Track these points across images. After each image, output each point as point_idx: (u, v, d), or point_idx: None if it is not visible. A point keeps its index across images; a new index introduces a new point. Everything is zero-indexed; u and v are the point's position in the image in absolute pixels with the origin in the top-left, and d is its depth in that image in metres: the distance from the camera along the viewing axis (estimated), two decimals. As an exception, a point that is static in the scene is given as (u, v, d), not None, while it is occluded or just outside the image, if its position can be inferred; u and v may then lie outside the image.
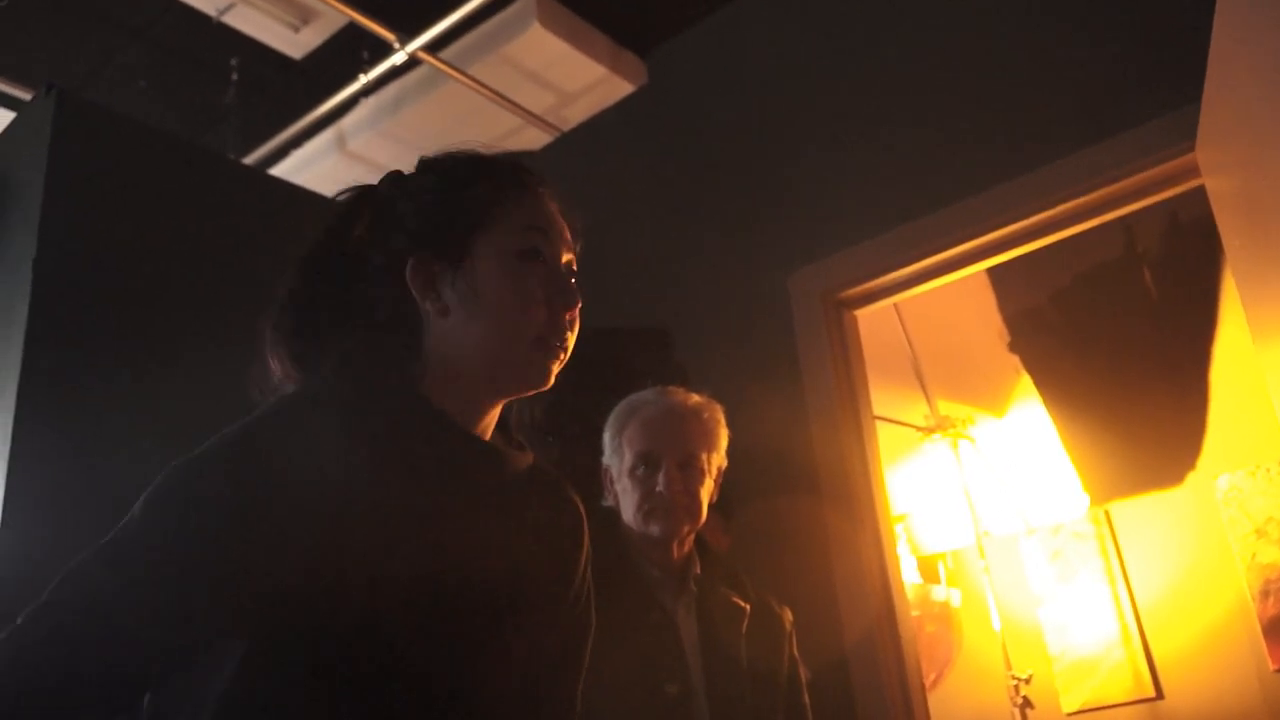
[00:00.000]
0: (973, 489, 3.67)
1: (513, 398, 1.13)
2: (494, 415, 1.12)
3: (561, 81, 4.29)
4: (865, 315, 2.92)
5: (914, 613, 3.03)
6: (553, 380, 1.10)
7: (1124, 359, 3.54)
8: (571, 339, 1.10)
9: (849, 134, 2.90)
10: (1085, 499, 3.59)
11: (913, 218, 2.70)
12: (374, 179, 1.22)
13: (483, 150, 1.19)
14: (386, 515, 0.98)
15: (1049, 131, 2.53)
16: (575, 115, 4.16)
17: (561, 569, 1.17)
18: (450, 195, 1.12)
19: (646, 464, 1.85)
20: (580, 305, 1.11)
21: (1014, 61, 2.65)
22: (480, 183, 1.13)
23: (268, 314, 1.11)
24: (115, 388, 1.86)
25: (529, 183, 1.16)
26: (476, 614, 1.04)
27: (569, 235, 1.18)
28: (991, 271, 3.36)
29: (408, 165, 1.29)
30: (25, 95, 4.02)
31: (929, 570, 3.76)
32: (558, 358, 1.09)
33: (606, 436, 1.94)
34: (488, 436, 1.11)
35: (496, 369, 1.07)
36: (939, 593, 3.67)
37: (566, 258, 1.15)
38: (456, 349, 1.07)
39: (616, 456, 1.91)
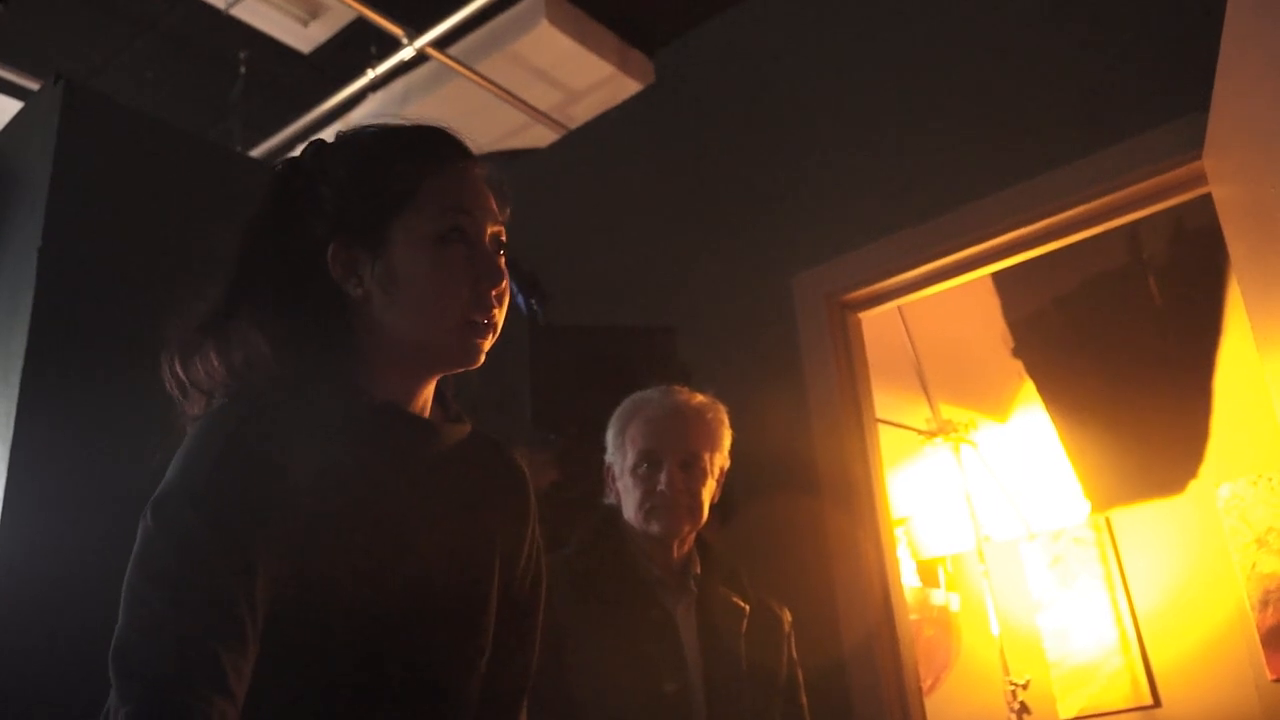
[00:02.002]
0: (974, 493, 3.67)
1: (446, 374, 1.13)
2: (430, 391, 1.12)
3: (569, 79, 4.29)
4: (869, 318, 2.92)
5: (913, 616, 3.03)
6: (484, 357, 1.10)
7: (1127, 365, 3.53)
8: (500, 315, 1.10)
9: (856, 136, 2.90)
10: (1086, 505, 3.59)
11: (918, 221, 2.70)
12: None
13: (401, 122, 1.16)
14: (355, 506, 1.00)
15: (1055, 137, 2.53)
16: (582, 113, 4.16)
17: (515, 532, 1.19)
18: (365, 176, 1.10)
19: (649, 463, 1.86)
20: (507, 280, 1.10)
21: (1021, 66, 2.65)
22: (396, 161, 1.10)
23: (194, 309, 1.10)
24: (120, 378, 1.86)
25: (448, 156, 1.12)
26: (446, 584, 1.07)
27: (495, 205, 1.14)
28: (996, 276, 3.35)
29: None
30: (34, 85, 4.03)
31: (929, 574, 3.76)
32: (487, 336, 1.08)
33: (610, 434, 1.94)
34: (426, 413, 1.13)
35: (425, 352, 1.08)
36: (938, 597, 3.67)
37: (493, 230, 1.12)
38: (384, 334, 1.07)
39: (619, 454, 1.91)
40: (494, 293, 1.08)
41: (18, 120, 3.20)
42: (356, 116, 4.73)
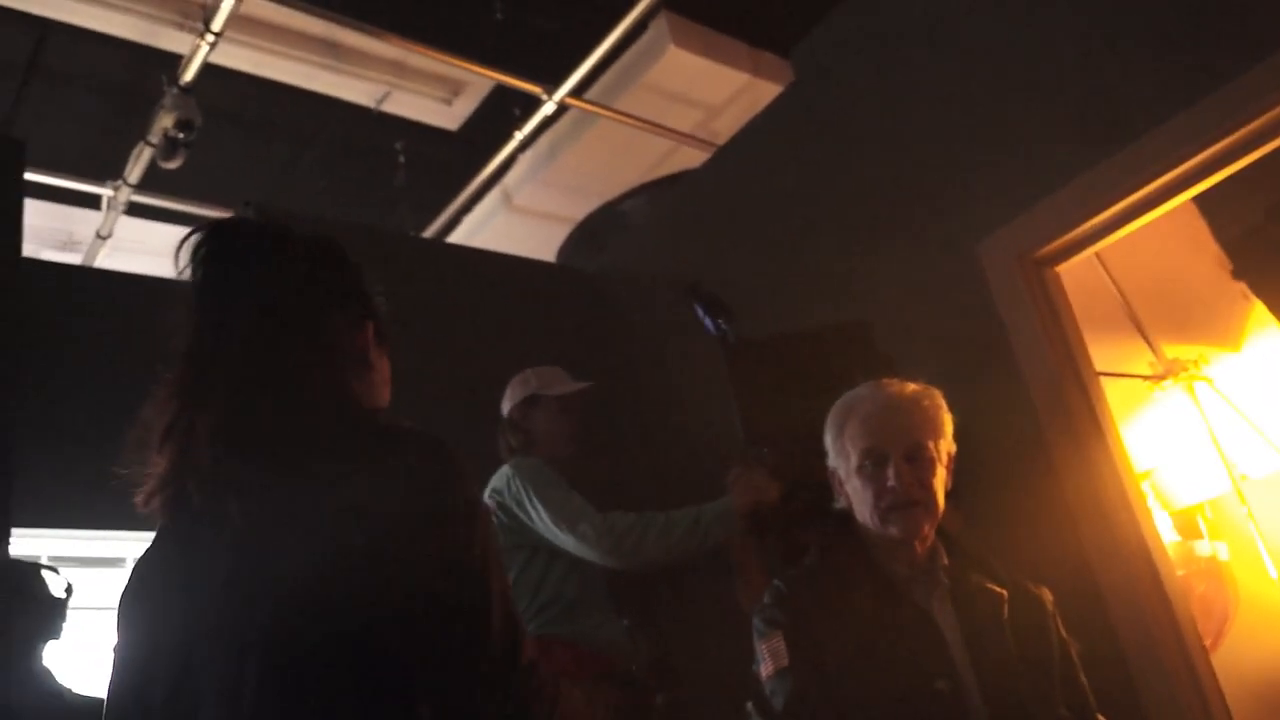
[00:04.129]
0: (1219, 432, 3.41)
1: None
2: None
3: (706, 96, 4.30)
4: (1066, 270, 2.77)
5: (1179, 572, 2.82)
6: None
7: (1369, 263, 3.21)
8: None
9: (1016, 84, 2.76)
10: (1350, 421, 3.27)
11: (1101, 159, 2.54)
12: (542, 227, 1.32)
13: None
14: None
15: (1241, 35, 2.33)
16: (726, 127, 4.16)
17: None
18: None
19: (873, 460, 1.81)
20: None
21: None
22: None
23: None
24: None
25: None
26: None
27: None
28: (1198, 199, 3.11)
29: (571, 209, 1.35)
30: (227, 215, 4.36)
31: (1187, 525, 3.51)
32: None
33: (828, 438, 1.90)
34: None
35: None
36: (1203, 547, 3.42)
37: None
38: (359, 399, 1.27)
39: (841, 457, 1.87)
40: None
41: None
42: (511, 179, 4.90)
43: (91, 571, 2.98)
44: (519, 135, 4.48)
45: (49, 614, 2.33)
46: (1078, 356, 2.64)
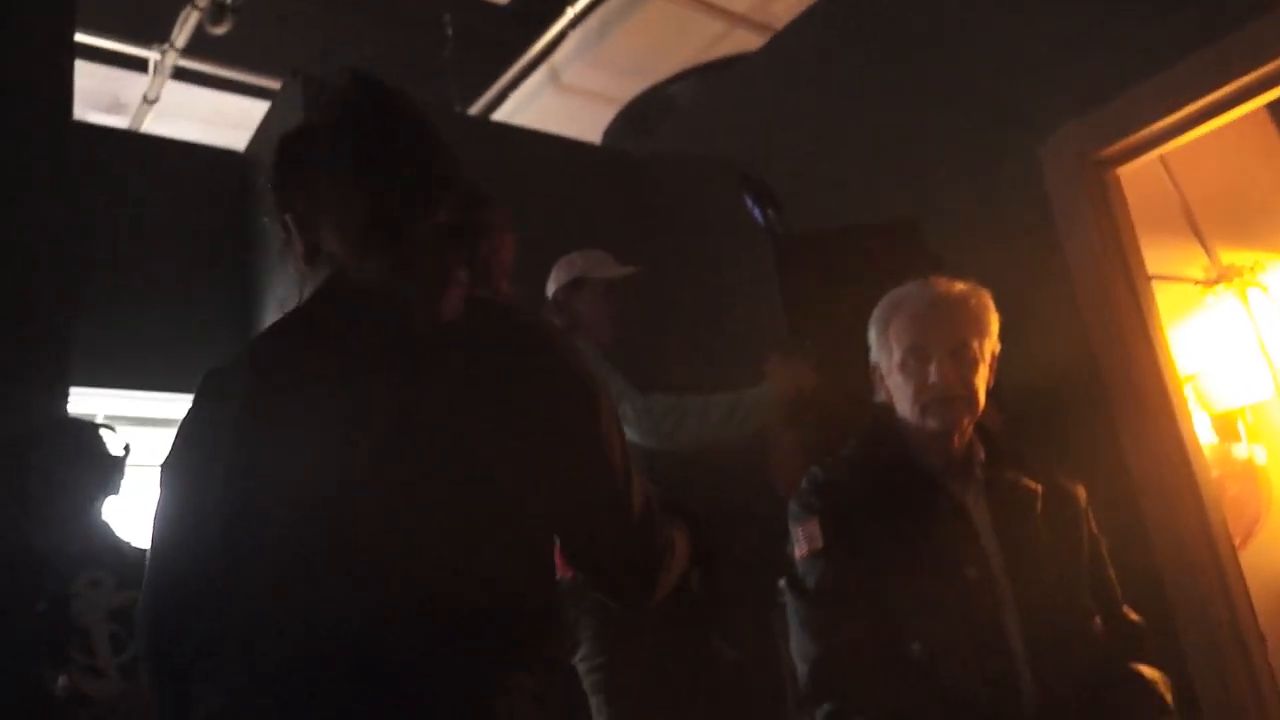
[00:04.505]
0: (1269, 339, 3.37)
1: None
2: None
3: (766, -24, 4.16)
4: (1127, 172, 2.71)
5: (1214, 473, 2.84)
6: None
7: None
8: None
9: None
10: (1402, 336, 3.21)
11: (1173, 61, 2.45)
12: (589, 108, 1.28)
13: None
14: None
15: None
16: (785, 9, 4.04)
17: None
18: None
19: (916, 357, 1.81)
20: None
21: None
22: None
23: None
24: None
25: None
26: None
27: None
28: (1271, 105, 3.00)
29: (619, 90, 1.32)
30: (274, 84, 4.32)
31: (1226, 428, 3.50)
32: None
33: (872, 334, 1.91)
34: None
35: None
36: (1240, 450, 3.42)
37: None
38: None
39: (884, 352, 1.87)
40: None
41: (265, 123, 3.44)
42: (560, 57, 4.81)
43: (147, 430, 3.08)
44: (570, 11, 4.38)
45: (108, 470, 2.41)
46: (1130, 260, 2.61)
